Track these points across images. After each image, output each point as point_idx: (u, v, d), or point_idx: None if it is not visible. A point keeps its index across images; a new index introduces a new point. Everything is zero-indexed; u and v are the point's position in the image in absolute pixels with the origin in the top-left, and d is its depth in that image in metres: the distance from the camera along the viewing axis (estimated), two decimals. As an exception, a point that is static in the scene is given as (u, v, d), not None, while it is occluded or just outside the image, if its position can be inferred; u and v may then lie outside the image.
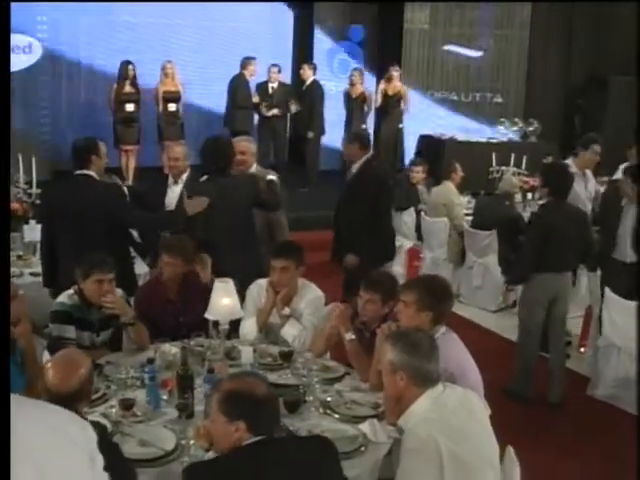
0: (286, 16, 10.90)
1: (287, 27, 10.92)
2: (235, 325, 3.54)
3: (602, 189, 5.85)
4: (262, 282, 3.83)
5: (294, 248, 3.82)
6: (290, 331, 3.68)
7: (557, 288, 4.74)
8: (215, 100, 10.02)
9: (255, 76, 9.47)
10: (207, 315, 3.08)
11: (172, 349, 3.26)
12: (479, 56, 10.73)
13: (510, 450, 2.65)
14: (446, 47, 10.54)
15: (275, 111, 9.24)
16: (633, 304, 4.74)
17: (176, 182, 4.96)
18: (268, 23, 10.82)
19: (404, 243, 7.44)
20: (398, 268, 6.89)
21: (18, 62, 9.22)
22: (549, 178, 4.78)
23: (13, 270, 4.80)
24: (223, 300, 3.00)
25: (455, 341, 3.02)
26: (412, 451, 2.35)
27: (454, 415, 2.41)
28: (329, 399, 3.06)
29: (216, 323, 3.08)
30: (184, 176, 4.93)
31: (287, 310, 3.74)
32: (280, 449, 2.12)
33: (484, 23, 10.65)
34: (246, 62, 9.40)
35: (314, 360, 3.45)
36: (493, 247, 6.57)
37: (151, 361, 2.99)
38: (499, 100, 10.83)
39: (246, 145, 5.01)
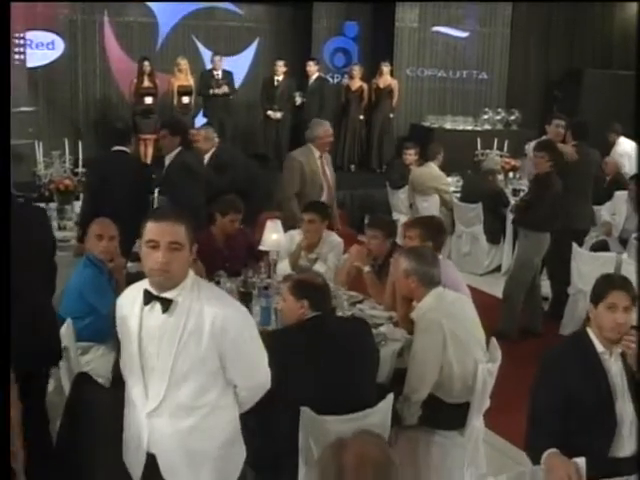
0: (286, 14, 11.80)
1: (287, 24, 11.81)
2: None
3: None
4: (292, 232, 4.72)
5: (320, 206, 4.71)
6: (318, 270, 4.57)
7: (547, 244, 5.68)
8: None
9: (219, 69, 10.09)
10: (260, 247, 3.98)
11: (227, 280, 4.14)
12: (466, 50, 11.61)
13: (493, 339, 3.55)
14: (435, 28, 11.36)
15: (279, 115, 10.09)
16: (596, 255, 5.70)
17: None
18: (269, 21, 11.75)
19: (400, 218, 8.34)
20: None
21: (42, 57, 10.05)
22: (554, 153, 5.60)
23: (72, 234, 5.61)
24: (273, 235, 3.89)
25: (451, 265, 3.94)
26: (423, 330, 3.25)
27: (452, 305, 3.32)
28: (354, 313, 3.96)
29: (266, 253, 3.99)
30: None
31: (314, 254, 4.63)
32: (332, 322, 3.01)
33: (469, 21, 11.52)
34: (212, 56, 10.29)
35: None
36: (479, 218, 7.48)
37: (217, 283, 3.88)
38: (484, 77, 11.69)
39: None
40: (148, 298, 2.34)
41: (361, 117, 10.72)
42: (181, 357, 2.31)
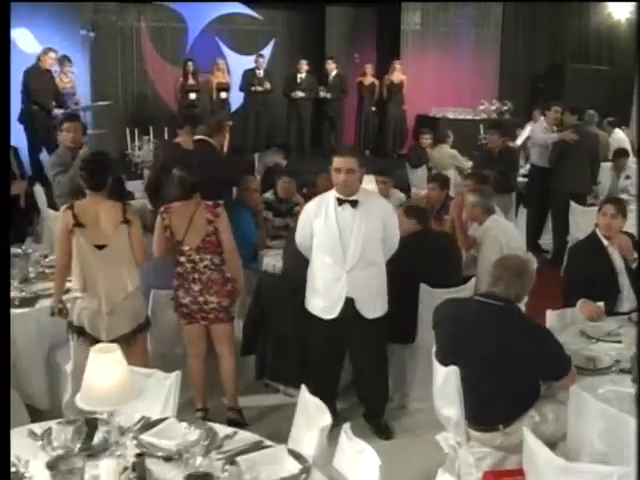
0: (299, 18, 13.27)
1: (299, 27, 13.29)
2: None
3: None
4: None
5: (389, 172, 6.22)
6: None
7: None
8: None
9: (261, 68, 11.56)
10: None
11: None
12: (461, 47, 13.16)
13: (529, 252, 5.09)
14: (436, 29, 12.88)
15: (301, 94, 11.44)
16: (588, 209, 7.26)
17: None
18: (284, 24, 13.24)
19: (420, 192, 9.87)
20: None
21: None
22: (503, 131, 7.46)
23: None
24: (369, 186, 5.35)
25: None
26: (486, 241, 4.77)
27: (504, 225, 4.87)
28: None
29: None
30: None
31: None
32: (432, 233, 4.56)
33: (465, 23, 13.12)
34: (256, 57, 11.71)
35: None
36: (488, 189, 9.05)
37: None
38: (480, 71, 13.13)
39: None
40: (340, 201, 3.82)
41: (373, 109, 12.20)
42: (367, 231, 3.82)
